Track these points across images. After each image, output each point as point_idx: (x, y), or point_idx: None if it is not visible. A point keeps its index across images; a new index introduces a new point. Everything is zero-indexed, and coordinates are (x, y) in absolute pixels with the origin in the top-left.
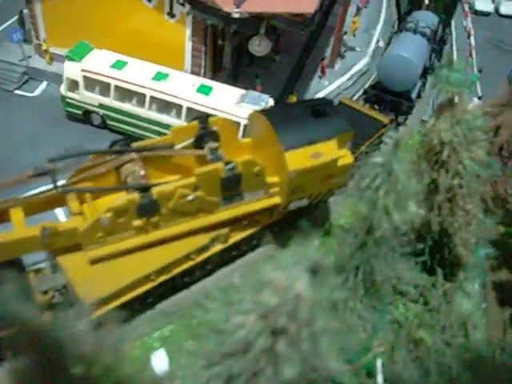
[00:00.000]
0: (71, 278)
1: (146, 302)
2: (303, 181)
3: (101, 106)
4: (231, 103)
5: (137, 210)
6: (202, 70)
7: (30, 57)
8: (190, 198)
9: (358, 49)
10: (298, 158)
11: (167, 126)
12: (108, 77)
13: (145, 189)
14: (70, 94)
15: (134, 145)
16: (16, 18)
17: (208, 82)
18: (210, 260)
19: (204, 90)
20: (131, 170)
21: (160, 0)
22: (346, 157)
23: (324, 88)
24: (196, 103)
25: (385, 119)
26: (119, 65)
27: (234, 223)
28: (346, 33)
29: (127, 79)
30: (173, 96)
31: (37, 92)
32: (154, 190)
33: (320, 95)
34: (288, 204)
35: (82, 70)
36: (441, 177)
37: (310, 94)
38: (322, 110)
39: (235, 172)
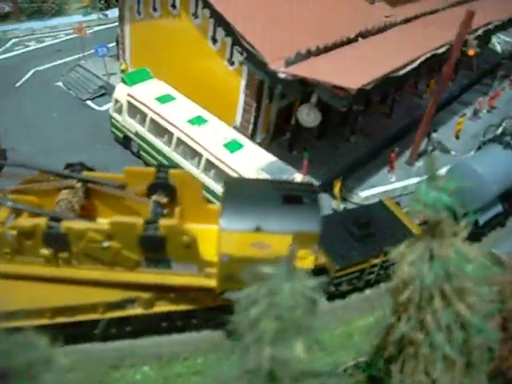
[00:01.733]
0: None
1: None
2: (240, 270)
3: (137, 134)
4: (250, 167)
5: (42, 237)
6: (251, 127)
7: (113, 74)
8: (105, 245)
9: (452, 152)
10: (238, 243)
11: None
12: (147, 107)
13: (59, 219)
14: (115, 115)
15: (84, 174)
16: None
17: (242, 140)
18: (130, 321)
19: (231, 147)
20: (64, 197)
21: (223, 44)
22: (305, 260)
23: (387, 183)
24: (216, 157)
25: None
26: (165, 99)
27: (162, 292)
28: (435, 130)
29: (163, 115)
30: (196, 143)
31: (105, 107)
32: (64, 224)
33: (378, 190)
34: (223, 292)
35: (128, 95)
36: (401, 323)
37: (367, 185)
38: (295, 196)
39: (157, 234)
